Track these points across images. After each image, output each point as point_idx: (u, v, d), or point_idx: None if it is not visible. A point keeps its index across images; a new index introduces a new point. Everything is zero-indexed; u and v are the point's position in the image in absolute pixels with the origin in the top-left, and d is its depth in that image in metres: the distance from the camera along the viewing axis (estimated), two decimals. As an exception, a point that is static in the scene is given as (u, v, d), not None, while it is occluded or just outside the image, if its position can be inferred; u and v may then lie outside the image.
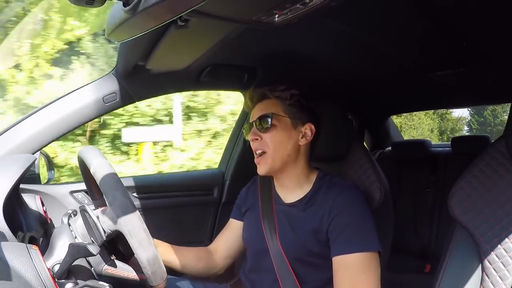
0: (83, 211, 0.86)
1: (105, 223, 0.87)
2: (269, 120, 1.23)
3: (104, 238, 0.83)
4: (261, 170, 1.25)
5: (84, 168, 1.00)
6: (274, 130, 1.23)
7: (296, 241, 1.21)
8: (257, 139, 1.24)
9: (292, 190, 1.29)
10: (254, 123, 1.26)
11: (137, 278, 0.90)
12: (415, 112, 16.08)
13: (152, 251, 0.82)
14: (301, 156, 1.28)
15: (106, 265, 0.92)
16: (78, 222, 0.95)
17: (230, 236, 1.43)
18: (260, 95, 1.29)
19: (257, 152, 1.25)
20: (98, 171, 0.84)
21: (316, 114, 1.32)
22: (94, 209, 0.88)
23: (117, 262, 0.93)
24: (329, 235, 1.17)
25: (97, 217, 0.83)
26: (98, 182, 0.85)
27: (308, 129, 1.28)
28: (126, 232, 0.80)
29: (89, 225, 0.87)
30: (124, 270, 0.92)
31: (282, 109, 1.25)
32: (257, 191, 1.39)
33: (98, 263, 0.92)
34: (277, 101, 1.27)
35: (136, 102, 1.53)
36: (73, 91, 1.38)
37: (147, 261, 0.81)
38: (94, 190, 1.13)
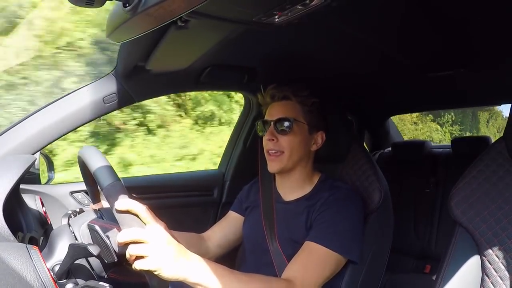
0: (93, 230, 0.85)
1: (117, 246, 0.87)
2: (289, 124, 1.24)
3: (115, 259, 0.83)
4: (274, 167, 1.26)
5: (83, 167, 1.00)
6: (292, 134, 1.24)
7: (290, 238, 1.23)
8: (273, 140, 1.25)
9: (294, 189, 1.31)
10: (272, 123, 1.26)
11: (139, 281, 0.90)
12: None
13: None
14: (309, 160, 1.31)
15: (106, 274, 0.92)
16: (82, 229, 0.95)
17: (227, 227, 1.44)
18: (283, 95, 1.28)
19: (271, 152, 1.25)
20: (112, 193, 0.84)
21: (328, 123, 1.34)
22: (102, 228, 0.87)
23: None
24: (313, 223, 1.19)
25: (107, 237, 0.83)
26: (111, 206, 0.84)
27: (319, 137, 1.31)
28: None
29: (98, 242, 0.86)
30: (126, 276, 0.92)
31: (302, 115, 1.27)
32: (259, 191, 1.40)
33: (100, 270, 0.92)
34: (298, 105, 1.27)
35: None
36: (73, 92, 1.38)
37: (157, 285, 0.82)
38: (95, 192, 1.14)
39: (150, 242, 0.78)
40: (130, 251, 0.77)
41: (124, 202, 0.80)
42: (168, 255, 0.80)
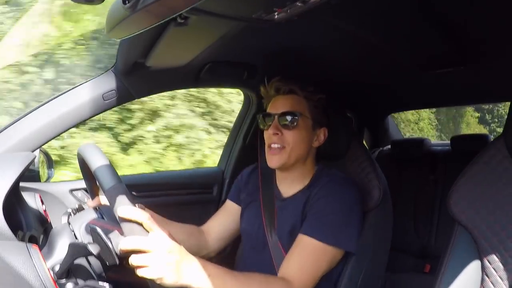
0: (94, 232, 0.85)
1: (118, 247, 0.87)
2: (295, 118, 1.22)
3: (117, 261, 0.84)
4: (275, 163, 1.24)
5: (83, 165, 1.00)
6: (297, 129, 1.23)
7: (289, 233, 1.22)
8: (277, 134, 1.23)
9: (293, 184, 1.31)
10: (276, 117, 1.24)
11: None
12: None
13: None
14: (310, 156, 1.31)
15: (106, 274, 0.92)
16: (82, 228, 0.94)
17: (225, 218, 1.43)
18: (289, 89, 1.27)
19: (273, 146, 1.24)
20: (114, 197, 0.84)
21: (331, 120, 1.33)
22: (103, 229, 0.88)
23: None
24: (307, 213, 1.19)
25: (109, 239, 0.83)
26: (113, 210, 0.84)
27: (322, 134, 1.30)
28: None
29: (100, 244, 0.86)
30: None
31: (307, 110, 1.26)
32: (258, 183, 1.39)
33: (100, 270, 0.92)
34: (304, 100, 1.26)
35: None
36: (72, 88, 1.38)
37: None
38: (94, 188, 1.13)
39: (152, 252, 0.79)
40: (133, 261, 0.79)
41: (127, 210, 0.79)
42: (170, 264, 0.81)
